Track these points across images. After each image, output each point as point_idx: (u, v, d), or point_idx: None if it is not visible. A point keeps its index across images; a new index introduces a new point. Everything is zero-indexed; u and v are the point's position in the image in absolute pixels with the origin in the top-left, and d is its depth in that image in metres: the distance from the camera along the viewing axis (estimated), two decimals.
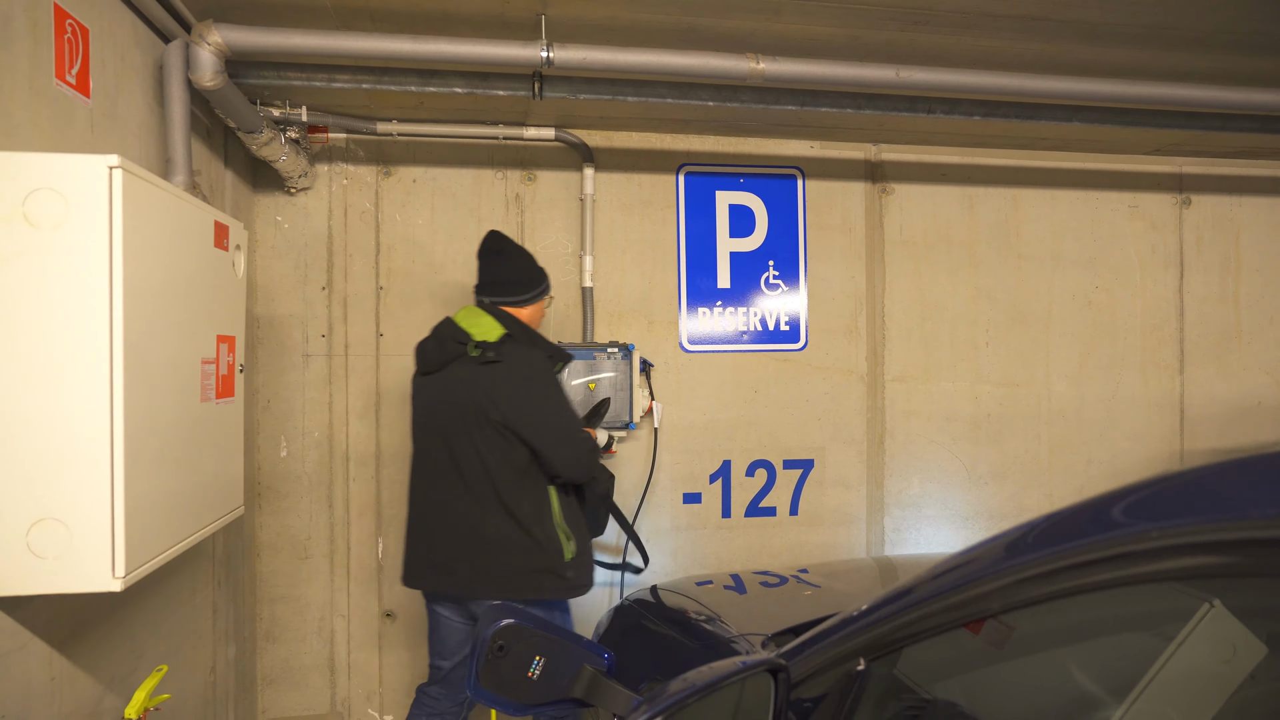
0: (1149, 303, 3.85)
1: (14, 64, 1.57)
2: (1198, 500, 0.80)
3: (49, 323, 1.48)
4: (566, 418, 2.41)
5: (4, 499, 1.46)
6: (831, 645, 1.07)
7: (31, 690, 1.63)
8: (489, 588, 2.34)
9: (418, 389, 2.54)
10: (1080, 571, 0.78)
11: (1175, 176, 3.89)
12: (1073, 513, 0.83)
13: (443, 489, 2.42)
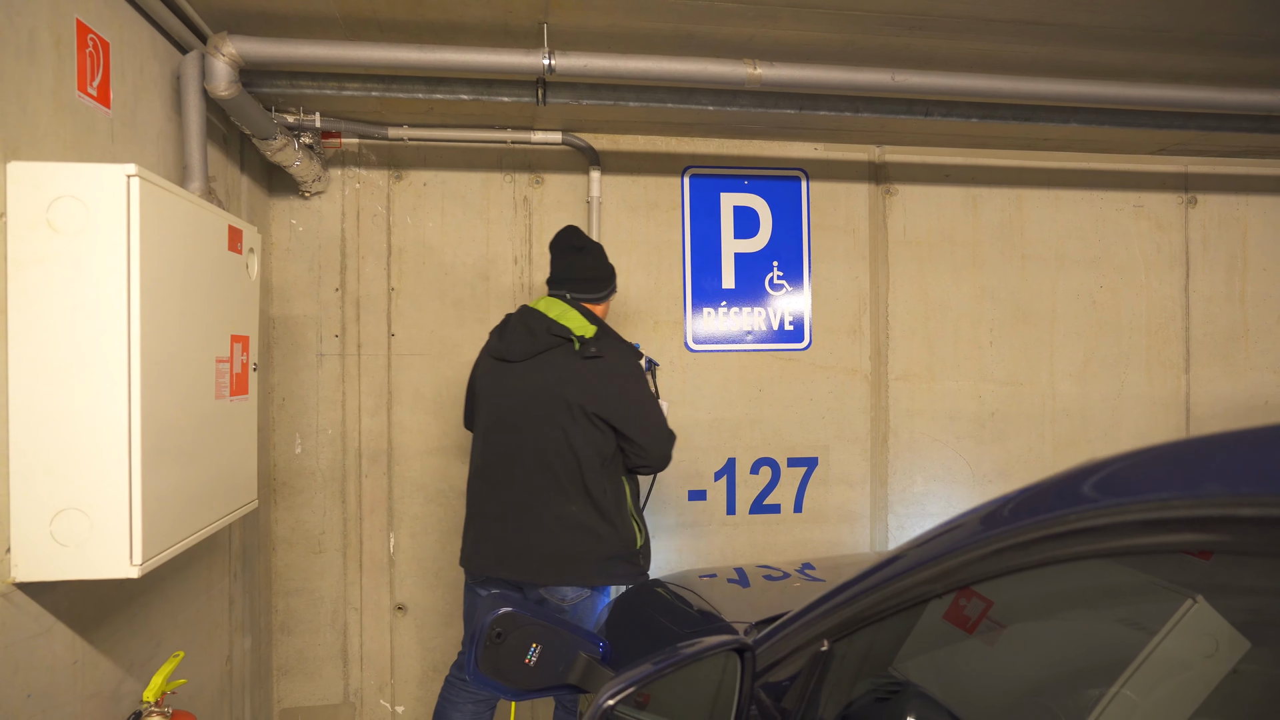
0: (1154, 302, 3.87)
1: (39, 78, 1.65)
2: (1161, 476, 0.83)
3: (71, 323, 1.56)
4: (660, 413, 2.54)
5: (29, 490, 1.55)
6: (799, 630, 1.12)
7: (56, 672, 1.71)
8: (564, 574, 2.41)
9: (493, 376, 2.56)
10: (1016, 553, 0.84)
11: (1181, 176, 3.90)
12: (996, 504, 0.88)
13: (521, 476, 2.46)
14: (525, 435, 2.46)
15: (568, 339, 2.47)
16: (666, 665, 1.04)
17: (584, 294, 2.60)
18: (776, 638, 1.20)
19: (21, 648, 1.59)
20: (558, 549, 2.41)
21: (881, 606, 1.00)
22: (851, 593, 1.04)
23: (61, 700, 1.74)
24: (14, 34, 1.58)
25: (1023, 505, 0.87)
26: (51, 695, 1.70)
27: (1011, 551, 0.85)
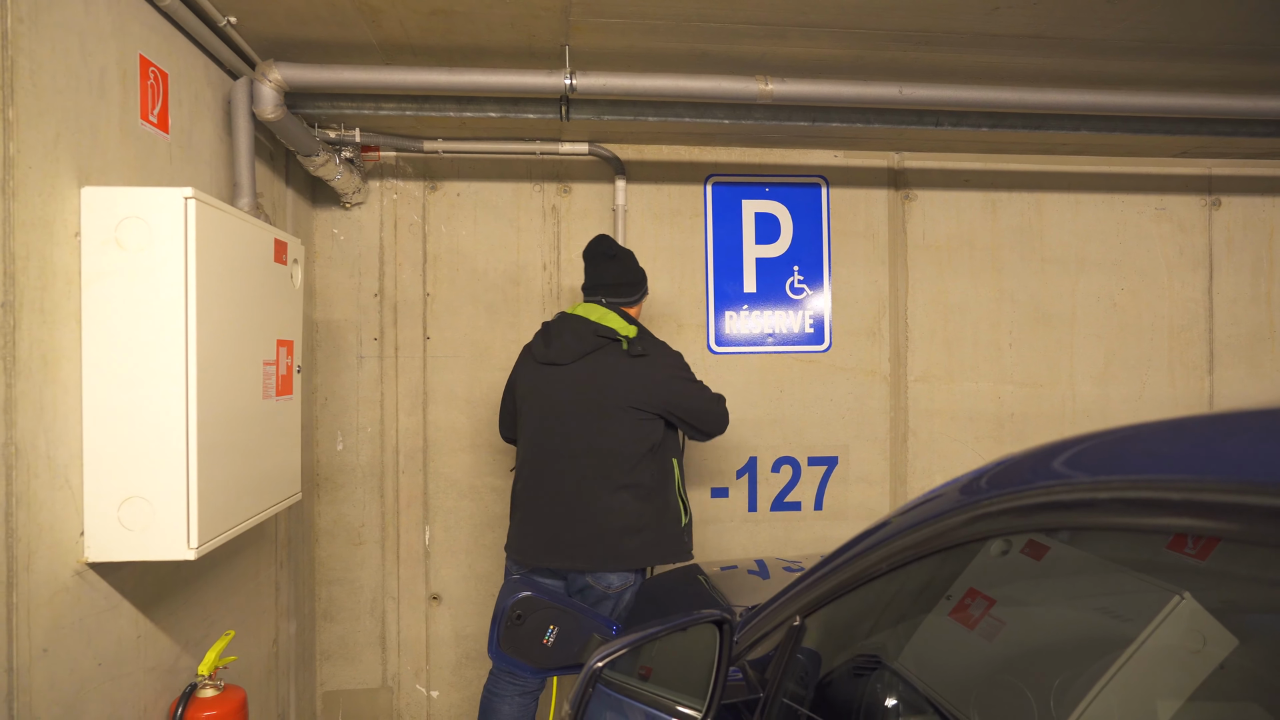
0: (1176, 304, 3.89)
1: (108, 111, 1.84)
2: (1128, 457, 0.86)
3: (135, 331, 1.75)
4: (707, 390, 2.77)
5: (100, 480, 1.73)
6: (778, 609, 1.25)
7: (122, 645, 1.90)
8: (611, 561, 2.57)
9: (540, 379, 2.70)
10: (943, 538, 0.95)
11: (1204, 178, 3.91)
12: (935, 493, 0.99)
13: (570, 469, 2.61)
14: (575, 431, 2.62)
15: (615, 339, 2.65)
16: (650, 633, 1.18)
17: (619, 298, 2.76)
18: (760, 616, 1.32)
19: (93, 621, 1.78)
20: (606, 537, 2.57)
21: (842, 583, 1.12)
22: (819, 574, 1.17)
23: (127, 670, 1.92)
24: (88, 73, 1.76)
25: (970, 485, 0.98)
26: (118, 665, 1.88)
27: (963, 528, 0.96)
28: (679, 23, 2.37)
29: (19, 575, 1.53)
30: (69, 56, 1.70)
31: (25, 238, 1.55)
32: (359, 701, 3.53)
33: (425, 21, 2.34)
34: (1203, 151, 3.78)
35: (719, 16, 2.32)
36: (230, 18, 2.27)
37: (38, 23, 1.59)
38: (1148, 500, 0.80)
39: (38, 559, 1.59)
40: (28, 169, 1.56)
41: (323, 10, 2.27)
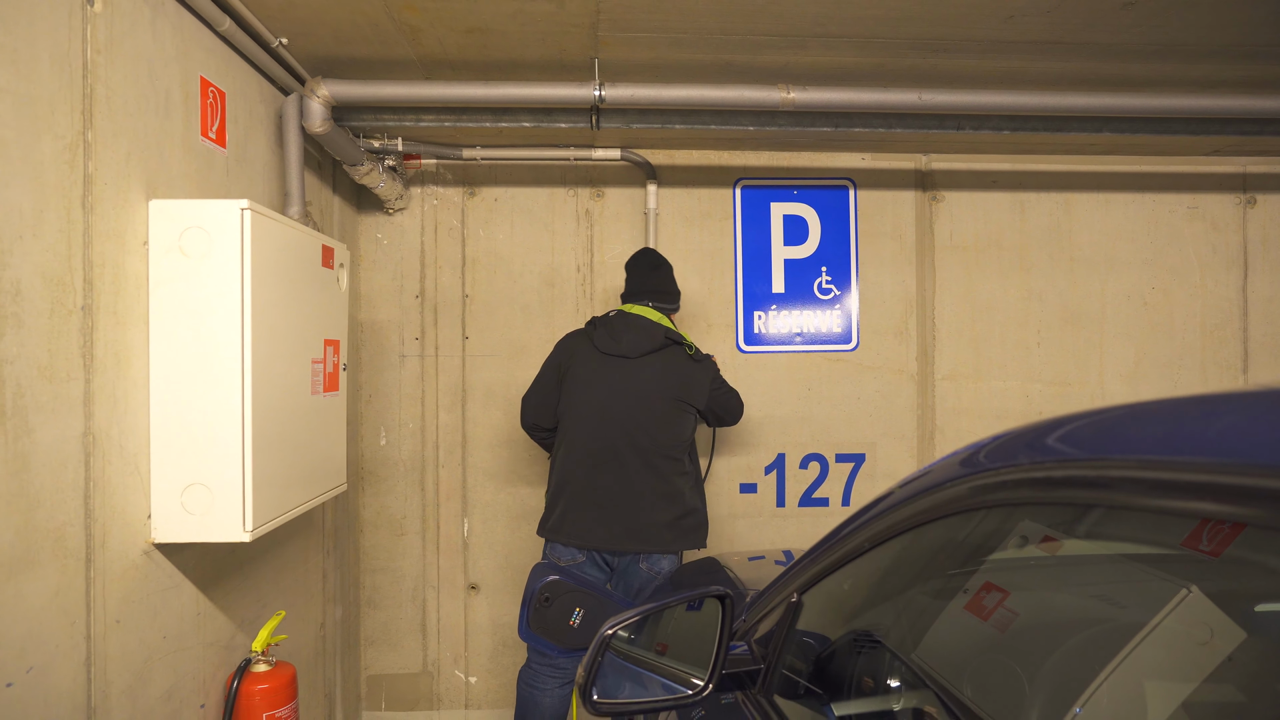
0: (1209, 303, 3.88)
1: (172, 129, 2.01)
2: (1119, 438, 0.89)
3: (197, 331, 1.90)
4: (733, 389, 3.10)
5: (165, 467, 1.90)
6: (779, 588, 1.35)
7: (184, 620, 2.07)
8: (666, 544, 2.78)
9: (602, 369, 2.85)
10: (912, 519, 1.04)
11: (1239, 176, 3.90)
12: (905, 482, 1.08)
13: (628, 459, 2.79)
14: (639, 422, 2.81)
15: (680, 343, 2.89)
16: (657, 605, 1.29)
17: (666, 305, 3.01)
18: (765, 595, 1.43)
19: (159, 597, 1.94)
20: (665, 522, 2.78)
21: (834, 562, 1.22)
22: (814, 555, 1.27)
23: (188, 644, 2.09)
24: (155, 95, 1.93)
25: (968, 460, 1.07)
26: (180, 639, 2.05)
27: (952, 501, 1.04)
28: (702, 35, 2.47)
29: (96, 551, 1.70)
30: (139, 81, 1.86)
31: (101, 247, 1.71)
32: (401, 685, 3.70)
33: (462, 39, 2.48)
34: (1236, 150, 3.76)
35: (741, 29, 2.42)
36: (282, 39, 2.43)
37: (113, 52, 1.76)
38: (1150, 480, 0.81)
39: (111, 538, 1.75)
40: (104, 185, 1.72)
41: (366, 30, 2.41)
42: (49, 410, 1.55)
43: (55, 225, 1.57)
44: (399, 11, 2.29)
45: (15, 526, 1.46)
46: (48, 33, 1.56)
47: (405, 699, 3.70)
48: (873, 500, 1.22)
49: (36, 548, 1.52)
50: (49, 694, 1.55)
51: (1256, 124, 2.97)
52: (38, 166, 1.53)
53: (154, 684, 1.93)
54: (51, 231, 1.56)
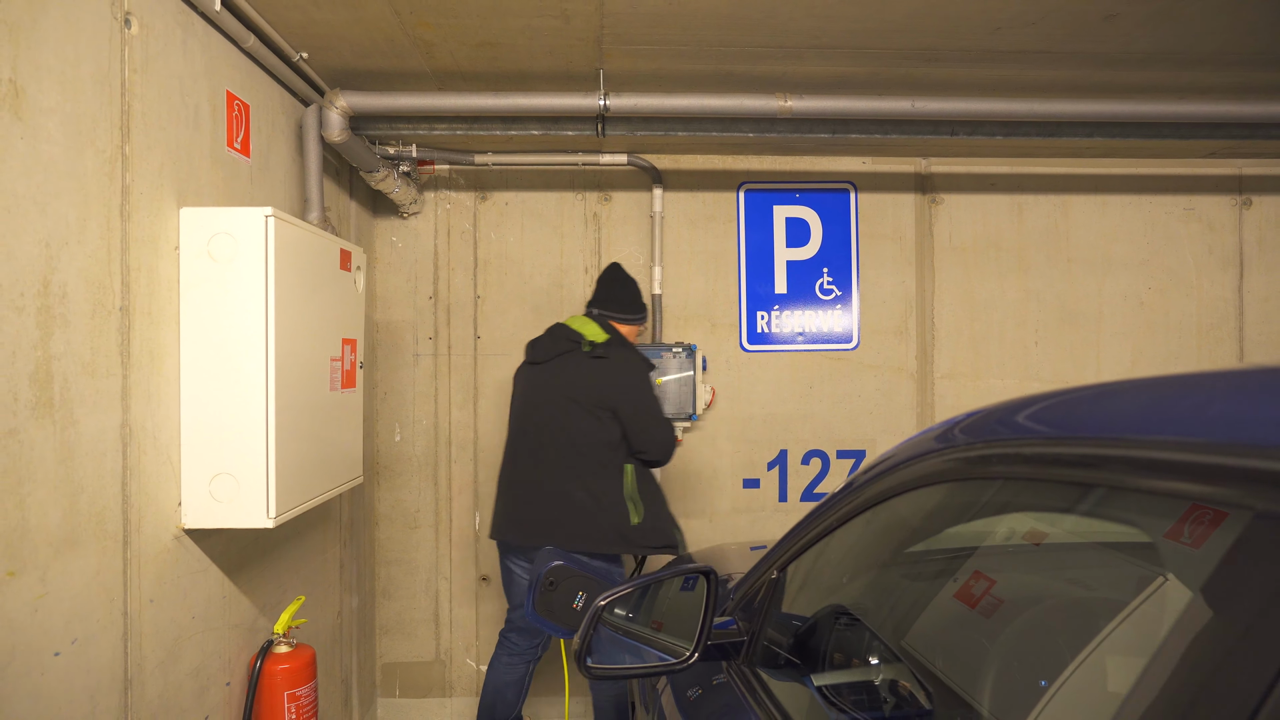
0: (1205, 302, 3.95)
1: (201, 141, 2.14)
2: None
3: (224, 330, 2.03)
4: (658, 407, 2.99)
5: (194, 458, 2.02)
6: (762, 566, 1.46)
7: (211, 603, 2.20)
8: (567, 541, 2.82)
9: (523, 377, 3.07)
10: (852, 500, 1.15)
11: (1234, 178, 3.97)
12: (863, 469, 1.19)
13: (538, 460, 2.91)
14: (543, 423, 2.93)
15: (579, 343, 2.94)
16: (645, 580, 1.40)
17: (612, 313, 3.08)
18: (751, 574, 1.53)
19: (188, 579, 2.07)
20: (561, 521, 2.84)
21: (809, 540, 1.32)
22: (792, 535, 1.37)
23: (214, 625, 2.22)
24: (185, 109, 2.06)
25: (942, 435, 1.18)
26: (208, 620, 2.18)
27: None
28: (702, 47, 2.58)
29: (132, 535, 1.83)
30: (171, 97, 1.99)
31: (137, 253, 1.84)
32: (414, 673, 3.83)
33: (473, 52, 2.60)
34: (1232, 152, 3.83)
35: (739, 41, 2.53)
36: (303, 53, 2.56)
37: (148, 71, 1.89)
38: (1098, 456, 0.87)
39: (145, 522, 1.88)
40: (139, 195, 1.85)
41: (383, 45, 2.54)
42: (91, 403, 1.68)
43: (97, 233, 1.70)
44: (414, 28, 2.41)
45: (63, 509, 1.59)
46: (91, 55, 1.69)
47: (419, 686, 3.83)
48: (845, 482, 1.33)
49: (80, 530, 1.65)
50: (91, 664, 1.68)
51: (1246, 128, 3.05)
52: (81, 179, 1.66)
53: (184, 661, 2.06)
54: (93, 238, 1.69)
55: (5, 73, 1.45)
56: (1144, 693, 0.75)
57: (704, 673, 1.62)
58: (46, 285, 1.55)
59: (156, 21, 1.93)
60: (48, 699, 1.55)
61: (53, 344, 1.57)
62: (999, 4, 2.26)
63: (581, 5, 2.27)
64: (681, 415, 3.71)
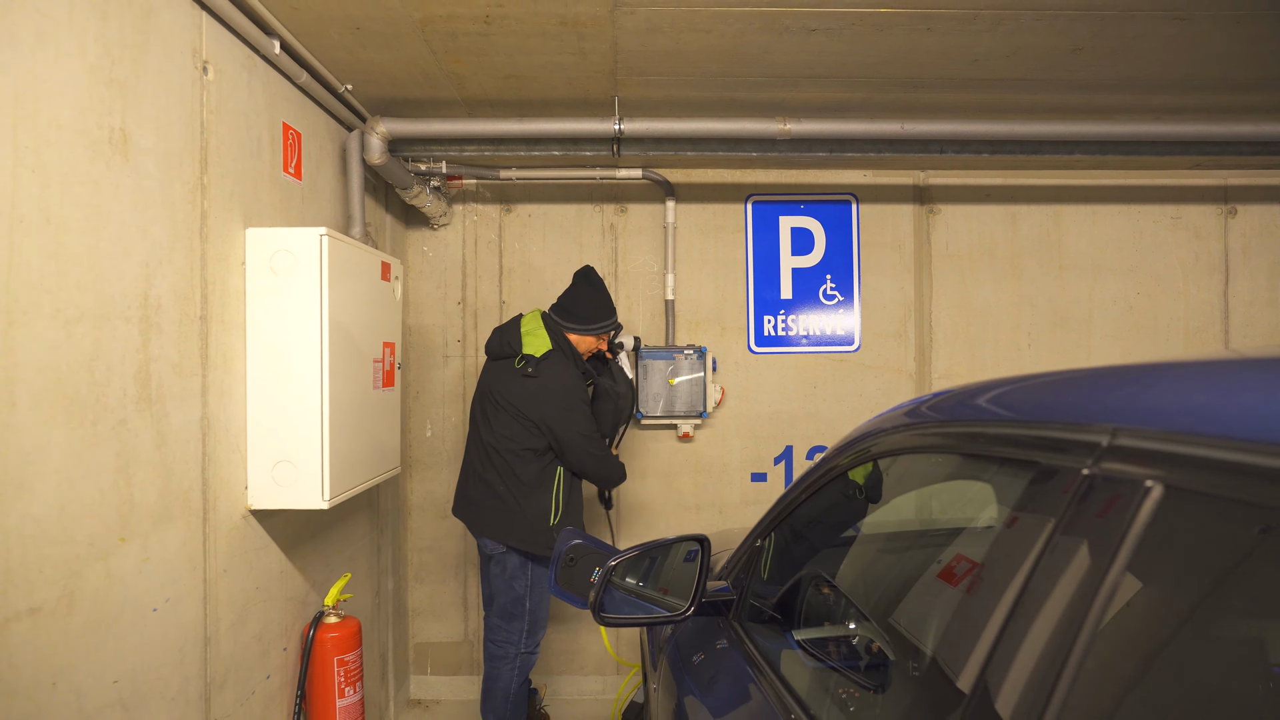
0: (1192, 307, 4.15)
1: (262, 168, 2.43)
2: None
3: (284, 335, 2.32)
4: (581, 431, 3.01)
5: (259, 447, 2.31)
6: (750, 537, 1.71)
7: (271, 577, 2.49)
8: (486, 530, 3.08)
9: (484, 369, 3.24)
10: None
11: (1220, 189, 4.16)
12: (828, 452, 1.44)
13: (478, 450, 3.14)
14: (482, 418, 3.13)
15: (514, 355, 3.06)
16: (647, 546, 1.66)
17: (564, 321, 3.14)
18: (742, 545, 1.79)
19: (253, 555, 2.36)
20: (483, 510, 3.09)
21: (783, 509, 1.58)
22: (775, 508, 1.63)
23: (274, 597, 2.51)
24: (249, 141, 2.35)
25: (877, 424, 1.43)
26: (268, 591, 2.47)
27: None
28: (707, 77, 2.84)
29: (209, 513, 2.12)
30: (238, 131, 2.28)
31: (213, 269, 2.13)
32: (444, 652, 4.11)
33: (500, 83, 2.88)
34: (1217, 164, 4.03)
35: (739, 73, 2.79)
36: (347, 85, 2.84)
37: (221, 111, 2.18)
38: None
39: (219, 502, 2.17)
40: (214, 218, 2.14)
41: (419, 77, 2.82)
42: (179, 399, 1.97)
43: (182, 253, 1.99)
44: (447, 64, 2.69)
45: (158, 489, 1.88)
46: (178, 101, 1.98)
47: (448, 665, 4.11)
48: (818, 461, 1.59)
49: (171, 506, 1.94)
50: (180, 622, 1.97)
51: (1218, 145, 3.26)
52: (171, 207, 1.95)
53: (249, 625, 2.35)
54: (180, 257, 1.98)
55: (116, 121, 1.74)
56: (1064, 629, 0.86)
57: (708, 640, 1.88)
58: (146, 299, 1.84)
59: (227, 66, 2.23)
60: (150, 648, 1.84)
61: (151, 348, 1.85)
62: (973, 41, 2.50)
63: (597, 44, 2.54)
64: (693, 413, 3.97)
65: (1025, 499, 0.95)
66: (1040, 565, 0.88)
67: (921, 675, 1.11)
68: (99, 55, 1.68)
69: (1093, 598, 0.79)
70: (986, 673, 0.86)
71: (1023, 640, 0.80)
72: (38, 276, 1.50)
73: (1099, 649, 0.74)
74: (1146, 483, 0.70)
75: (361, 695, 2.74)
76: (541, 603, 3.12)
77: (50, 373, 1.54)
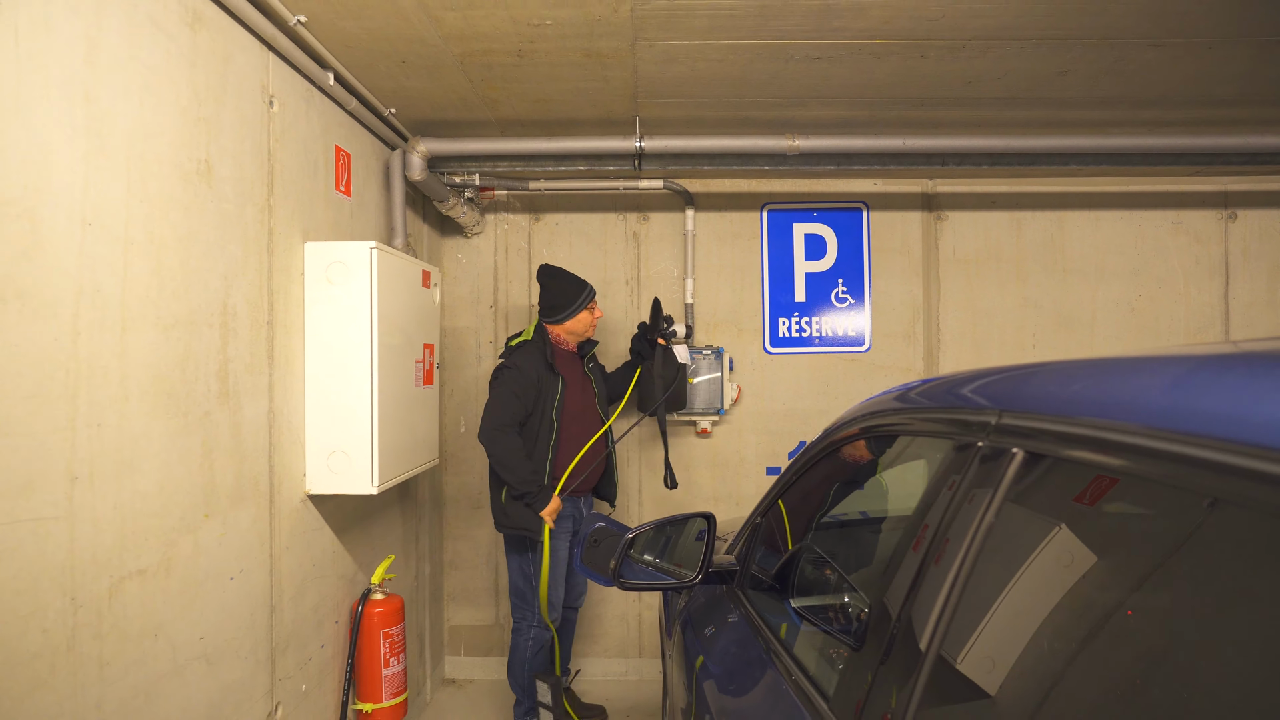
0: (1193, 309, 4.31)
1: (318, 188, 2.70)
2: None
3: (338, 338, 2.58)
4: (494, 404, 3.22)
5: (316, 437, 2.58)
6: (752, 515, 1.95)
7: (324, 556, 2.76)
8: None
9: None
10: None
11: (1220, 194, 4.32)
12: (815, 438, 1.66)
13: None
14: None
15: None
16: (661, 521, 1.90)
17: (545, 318, 3.41)
18: (746, 522, 2.03)
19: (310, 535, 2.63)
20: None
21: (781, 487, 1.81)
22: (774, 487, 1.87)
23: (327, 574, 2.78)
24: (307, 164, 2.62)
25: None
26: (322, 569, 2.74)
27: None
28: (721, 99, 3.07)
29: (275, 496, 2.39)
30: (298, 156, 2.55)
31: (278, 279, 2.40)
32: (477, 635, 4.38)
33: (530, 106, 3.13)
34: (1216, 170, 4.18)
35: (751, 95, 3.02)
36: (391, 109, 3.11)
37: (284, 139, 2.45)
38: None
39: (282, 487, 2.44)
40: (279, 235, 2.41)
41: (456, 101, 3.08)
42: (250, 394, 2.24)
43: (254, 266, 2.26)
44: (483, 90, 2.95)
45: (234, 473, 2.15)
46: (250, 133, 2.25)
47: (480, 647, 4.38)
48: (811, 442, 1.82)
49: (244, 488, 2.21)
50: (250, 590, 2.24)
51: (1207, 157, 3.43)
52: (244, 226, 2.22)
53: (307, 599, 2.62)
54: (251, 270, 2.25)
55: (202, 154, 2.01)
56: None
57: (715, 609, 2.11)
58: (225, 306, 2.11)
59: (289, 98, 2.50)
60: (228, 611, 2.11)
61: (228, 349, 2.13)
62: (966, 66, 2.71)
63: (619, 72, 2.78)
64: (711, 410, 4.21)
65: (950, 468, 1.16)
66: (953, 521, 1.09)
67: (882, 627, 1.34)
68: (190, 99, 1.96)
69: (980, 541, 1.00)
70: (909, 607, 1.09)
71: (941, 583, 1.03)
72: (144, 289, 1.78)
73: (977, 580, 0.97)
74: (1013, 449, 0.94)
75: (404, 666, 3.01)
76: (528, 580, 3.34)
77: (152, 371, 1.81)
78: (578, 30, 2.43)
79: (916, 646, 1.08)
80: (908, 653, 1.08)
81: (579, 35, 2.47)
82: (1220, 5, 2.25)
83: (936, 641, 1.00)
